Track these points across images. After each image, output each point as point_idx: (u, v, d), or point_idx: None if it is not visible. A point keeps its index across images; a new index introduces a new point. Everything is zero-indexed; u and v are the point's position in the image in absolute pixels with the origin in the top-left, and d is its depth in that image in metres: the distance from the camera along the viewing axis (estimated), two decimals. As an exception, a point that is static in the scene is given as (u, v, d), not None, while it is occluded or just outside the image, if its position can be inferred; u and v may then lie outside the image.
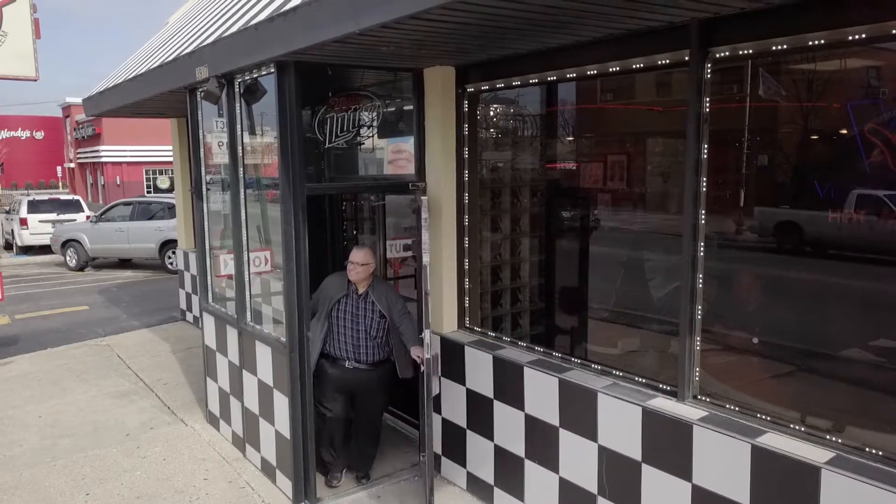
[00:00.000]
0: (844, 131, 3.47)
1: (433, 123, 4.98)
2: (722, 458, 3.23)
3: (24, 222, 18.96)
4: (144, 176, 37.00)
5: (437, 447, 5.16)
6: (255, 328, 5.37)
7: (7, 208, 21.61)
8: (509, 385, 4.46)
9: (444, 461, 5.14)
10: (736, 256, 4.03)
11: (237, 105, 5.27)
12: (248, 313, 5.48)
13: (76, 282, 15.39)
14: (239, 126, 5.30)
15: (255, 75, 4.99)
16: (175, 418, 6.65)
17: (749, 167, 3.85)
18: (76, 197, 20.88)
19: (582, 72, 4.07)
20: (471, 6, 2.96)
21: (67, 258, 16.86)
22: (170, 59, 6.03)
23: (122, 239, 16.30)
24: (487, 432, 4.69)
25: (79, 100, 41.62)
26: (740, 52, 3.28)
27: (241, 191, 5.36)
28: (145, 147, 36.22)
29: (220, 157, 6.04)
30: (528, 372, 4.34)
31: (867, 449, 2.92)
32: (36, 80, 16.39)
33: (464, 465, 4.95)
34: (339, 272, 5.05)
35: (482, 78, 4.81)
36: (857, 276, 3.56)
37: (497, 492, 4.67)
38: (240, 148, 5.31)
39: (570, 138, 4.98)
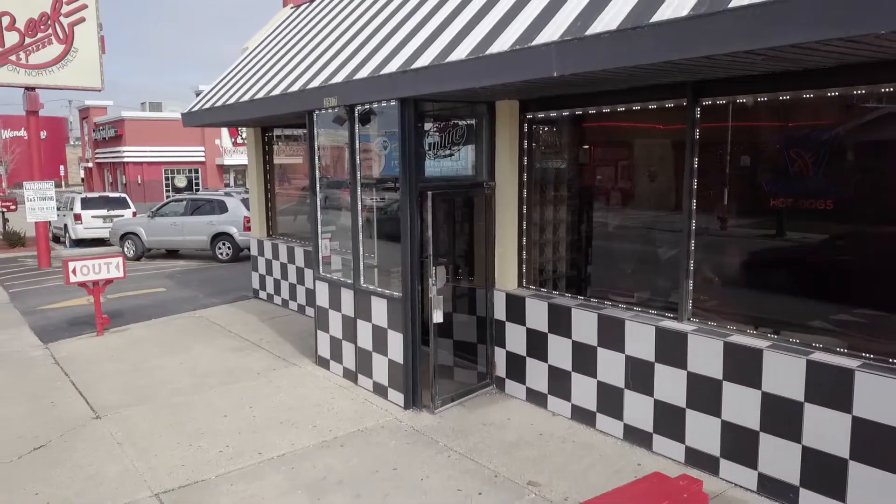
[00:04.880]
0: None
1: (502, 140, 6.99)
2: (706, 355, 5.25)
3: (78, 218, 20.89)
4: (163, 175, 38.90)
5: (502, 372, 7.18)
6: (370, 287, 7.36)
7: (57, 205, 23.43)
8: (561, 322, 6.46)
9: (508, 382, 7.15)
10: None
11: (355, 126, 7.26)
12: (362, 277, 7.46)
13: (138, 269, 17.29)
14: (356, 140, 7.28)
15: (372, 105, 6.99)
16: (288, 363, 8.62)
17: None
18: (123, 195, 22.81)
19: (614, 108, 6.10)
20: (573, 76, 4.91)
21: (125, 249, 18.77)
22: (294, 89, 8.01)
23: (177, 232, 18.24)
24: (543, 356, 6.69)
25: (98, 102, 42.98)
26: (718, 102, 5.29)
27: (358, 188, 7.34)
28: (165, 148, 38.16)
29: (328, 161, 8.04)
30: (575, 311, 6.34)
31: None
32: (100, 91, 18.41)
33: (523, 382, 6.96)
34: None
35: (538, 108, 6.82)
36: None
37: (550, 398, 6.68)
38: (357, 157, 7.31)
39: (596, 150, 6.98)
